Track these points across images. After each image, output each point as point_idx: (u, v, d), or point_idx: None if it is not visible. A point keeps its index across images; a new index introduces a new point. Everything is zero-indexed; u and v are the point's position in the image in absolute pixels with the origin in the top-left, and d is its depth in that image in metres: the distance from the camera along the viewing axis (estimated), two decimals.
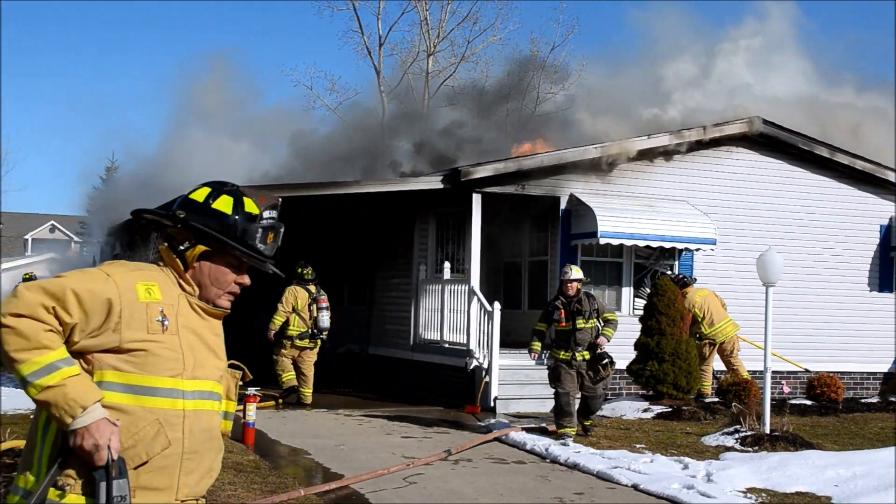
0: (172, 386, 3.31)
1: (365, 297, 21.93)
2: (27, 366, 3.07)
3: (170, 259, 3.45)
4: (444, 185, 17.35)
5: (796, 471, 10.71)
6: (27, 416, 13.89)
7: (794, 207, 19.55)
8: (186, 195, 3.53)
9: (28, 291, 3.12)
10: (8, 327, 3.07)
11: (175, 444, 3.31)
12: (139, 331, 3.24)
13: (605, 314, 13.43)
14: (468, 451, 12.29)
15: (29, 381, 3.07)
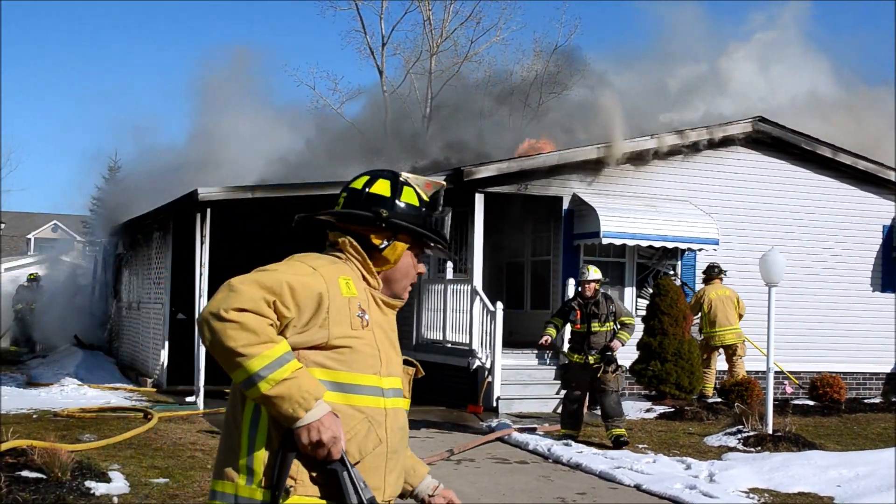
0: (375, 383, 3.25)
1: None
2: (258, 360, 2.95)
3: (357, 254, 3.36)
4: (446, 184, 17.30)
5: (799, 471, 10.70)
6: (29, 416, 13.91)
7: (796, 207, 19.53)
8: (366, 191, 3.41)
9: (246, 286, 3.02)
10: (233, 322, 2.95)
11: (382, 442, 3.25)
12: (344, 326, 3.16)
13: (622, 318, 12.93)
14: (471, 451, 12.28)
15: (261, 376, 2.94)
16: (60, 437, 11.60)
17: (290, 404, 2.96)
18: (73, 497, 8.50)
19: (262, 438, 3.07)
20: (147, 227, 20.54)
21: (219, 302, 2.99)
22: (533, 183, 17.72)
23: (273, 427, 3.05)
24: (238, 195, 16.52)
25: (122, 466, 10.13)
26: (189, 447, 11.71)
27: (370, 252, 3.37)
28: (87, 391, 17.20)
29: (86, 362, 21.53)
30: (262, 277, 3.06)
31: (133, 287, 22.69)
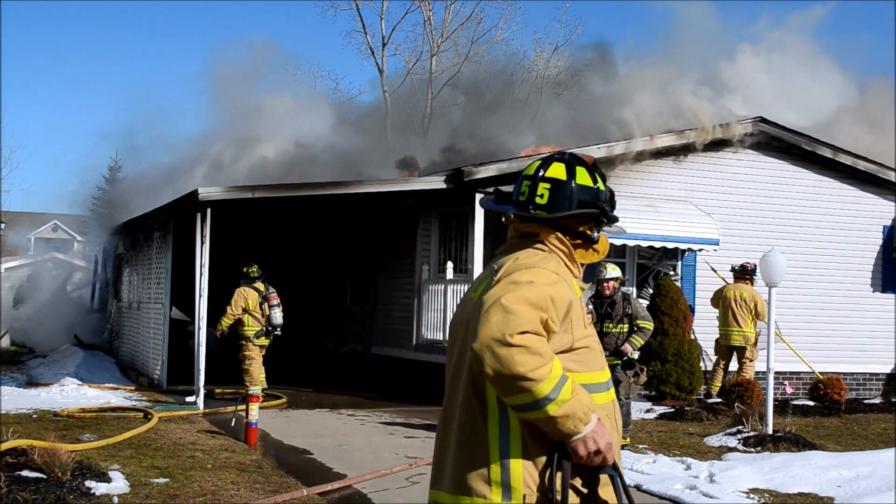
0: (605, 379, 3.23)
1: (367, 296, 21.94)
2: (546, 383, 2.91)
3: (563, 247, 3.28)
4: (446, 185, 17.34)
5: (799, 471, 10.70)
6: (29, 416, 13.91)
7: (796, 208, 19.53)
8: (546, 177, 3.32)
9: (519, 305, 2.96)
10: (519, 346, 2.89)
11: (618, 435, 3.24)
12: (581, 327, 3.15)
13: (638, 321, 12.26)
14: None
15: (550, 399, 2.90)
16: (60, 436, 11.60)
17: (572, 421, 2.94)
18: (73, 497, 8.50)
19: (517, 452, 3.02)
20: (147, 226, 20.55)
21: (500, 326, 2.92)
22: None
23: (531, 441, 3.02)
24: (238, 195, 16.52)
25: (122, 466, 10.13)
26: (189, 447, 11.71)
27: (583, 243, 3.33)
28: (87, 391, 17.20)
29: (86, 362, 21.54)
30: (528, 294, 3.01)
31: (133, 287, 22.70)
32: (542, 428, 2.98)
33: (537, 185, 3.31)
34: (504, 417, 3.03)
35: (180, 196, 16.94)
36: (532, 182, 3.32)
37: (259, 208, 18.87)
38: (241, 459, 11.05)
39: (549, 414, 2.91)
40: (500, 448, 3.03)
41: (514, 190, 3.41)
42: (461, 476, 3.07)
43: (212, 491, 9.29)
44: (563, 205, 3.29)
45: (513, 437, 3.02)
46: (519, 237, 3.34)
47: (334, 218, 21.79)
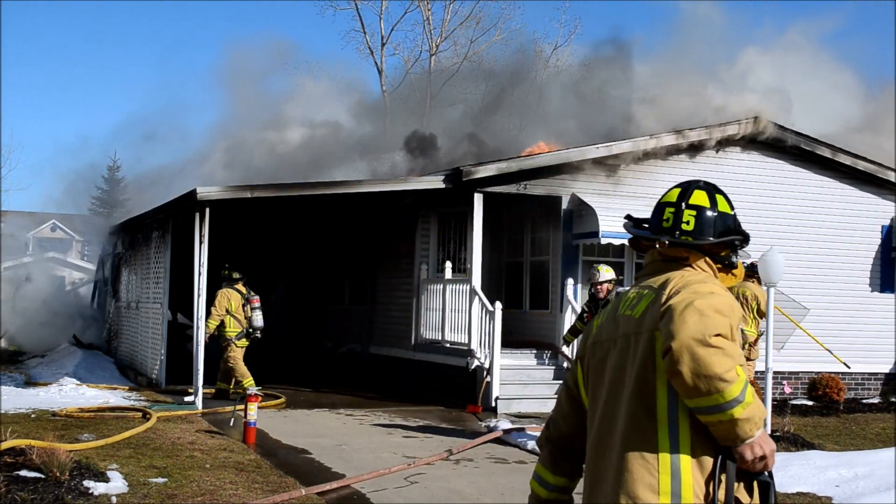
0: None
1: (366, 296, 21.94)
2: (737, 385, 3.01)
3: (710, 270, 3.51)
4: (445, 184, 17.34)
5: (797, 471, 10.69)
6: (28, 416, 13.90)
7: (795, 207, 19.53)
8: (690, 204, 3.55)
9: (712, 311, 3.10)
10: (717, 347, 3.02)
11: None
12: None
13: None
14: (470, 451, 12.28)
15: (738, 401, 3.00)
16: (59, 436, 11.60)
17: (749, 425, 3.03)
18: (71, 497, 8.50)
19: (686, 462, 3.10)
20: (146, 226, 20.54)
21: (698, 328, 3.04)
22: (532, 183, 17.71)
23: (700, 449, 3.11)
24: (237, 195, 16.51)
25: (120, 466, 10.13)
26: (188, 447, 11.71)
27: (723, 268, 3.53)
28: (85, 391, 17.19)
29: (85, 362, 21.52)
30: (714, 302, 3.14)
31: (132, 287, 22.69)
32: (717, 432, 3.07)
33: (682, 212, 3.52)
34: (674, 426, 3.13)
35: (179, 196, 16.93)
36: (676, 209, 3.55)
37: (258, 208, 18.86)
38: (239, 459, 11.05)
39: (735, 416, 3.00)
40: (671, 458, 3.11)
41: (655, 216, 3.61)
42: (627, 488, 3.14)
43: (210, 491, 9.29)
44: (708, 231, 3.50)
45: (682, 446, 3.11)
46: (663, 261, 3.50)
47: (333, 217, 21.79)
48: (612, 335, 3.40)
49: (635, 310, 3.35)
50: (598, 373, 3.42)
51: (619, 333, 3.36)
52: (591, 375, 3.46)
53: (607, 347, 3.41)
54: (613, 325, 3.42)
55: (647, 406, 3.17)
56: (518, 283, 19.79)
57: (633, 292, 3.44)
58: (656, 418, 3.15)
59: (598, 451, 3.33)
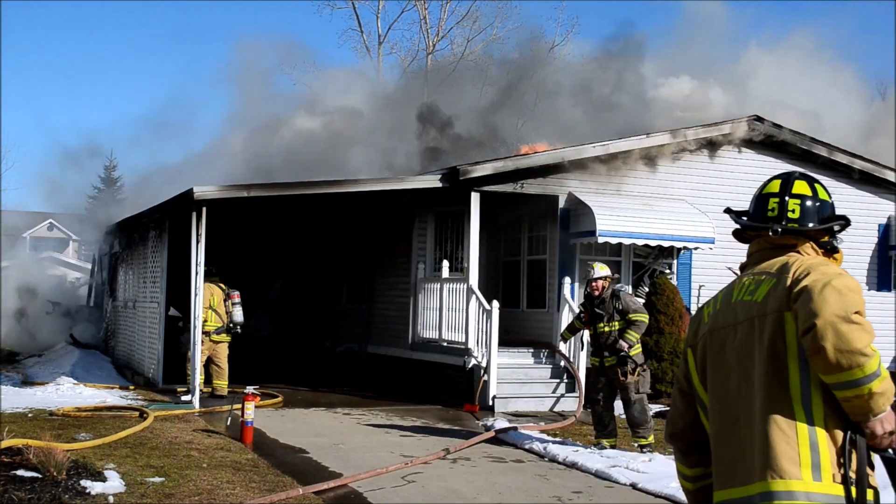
0: None
1: (364, 295, 21.94)
2: (875, 360, 3.18)
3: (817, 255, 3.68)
4: (442, 183, 17.34)
5: None
6: (25, 415, 13.89)
7: None
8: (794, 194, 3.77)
9: (848, 290, 3.30)
10: (857, 324, 3.23)
11: None
12: None
13: (629, 315, 12.07)
14: (467, 450, 12.28)
15: (877, 374, 3.17)
16: (56, 436, 11.59)
17: (884, 399, 3.19)
18: (68, 496, 8.49)
19: (822, 436, 3.25)
20: (143, 225, 20.53)
21: (840, 305, 3.23)
22: (529, 182, 17.72)
23: (833, 424, 3.25)
24: (233, 194, 16.50)
25: (117, 465, 10.12)
26: (185, 446, 11.71)
27: (825, 253, 3.72)
28: (82, 390, 17.18)
29: (82, 361, 21.51)
30: (846, 282, 3.34)
31: (129, 286, 22.67)
32: (851, 407, 3.21)
33: (786, 202, 3.74)
34: (807, 402, 3.28)
35: (175, 195, 16.92)
36: (780, 199, 3.75)
37: (255, 207, 18.85)
38: (236, 458, 11.04)
39: (872, 390, 3.16)
40: (808, 431, 3.25)
41: (759, 206, 3.78)
42: (770, 463, 3.26)
43: (207, 490, 9.28)
44: (812, 217, 3.75)
45: (817, 421, 3.25)
46: (771, 248, 3.69)
47: (330, 217, 21.79)
48: (731, 321, 3.56)
49: (755, 294, 3.50)
50: (719, 358, 3.57)
51: (739, 319, 3.52)
52: (710, 361, 3.61)
53: (726, 333, 3.56)
54: (731, 312, 3.58)
55: (781, 383, 3.31)
56: (515, 282, 19.80)
57: (748, 279, 3.61)
58: (790, 395, 3.29)
59: (730, 432, 3.45)
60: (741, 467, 3.35)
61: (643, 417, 12.06)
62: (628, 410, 12.22)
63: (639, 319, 12.12)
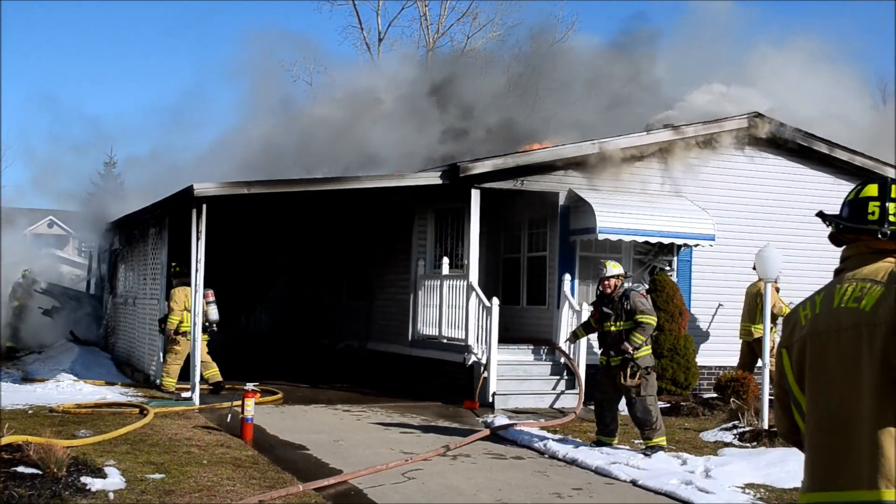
0: None
1: (364, 292, 21.94)
2: None
3: None
4: (442, 180, 17.33)
5: (795, 467, 10.69)
6: (25, 412, 13.90)
7: (793, 203, 19.52)
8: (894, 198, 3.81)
9: None
10: None
11: None
12: None
13: (636, 315, 11.89)
14: (467, 447, 12.29)
15: None
16: (56, 432, 11.59)
17: None
18: (68, 493, 8.49)
19: None
20: (143, 222, 20.52)
21: None
22: (529, 179, 17.71)
23: None
24: (234, 191, 16.49)
25: (117, 462, 10.13)
26: (185, 443, 11.71)
27: None
28: (82, 387, 17.19)
29: (82, 358, 21.51)
30: None
31: (129, 283, 22.67)
32: None
33: (887, 207, 3.80)
34: None
35: (176, 192, 16.92)
36: (881, 203, 3.81)
37: (255, 204, 18.84)
38: (236, 455, 11.05)
39: None
40: None
41: (856, 210, 3.91)
42: (884, 472, 3.27)
43: (207, 487, 9.28)
44: None
45: None
46: (871, 253, 3.81)
47: (330, 214, 21.78)
48: (833, 326, 3.59)
49: (862, 303, 3.54)
50: (820, 363, 3.60)
51: (843, 325, 3.55)
52: (809, 365, 3.63)
53: (827, 338, 3.60)
54: (833, 317, 3.63)
55: (893, 395, 3.32)
56: (515, 279, 19.80)
57: (851, 286, 3.69)
58: None
59: (831, 436, 3.47)
60: (846, 472, 3.36)
61: (646, 418, 11.88)
62: (631, 410, 12.08)
63: (645, 321, 11.91)
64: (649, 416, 11.87)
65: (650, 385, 11.98)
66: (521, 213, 19.35)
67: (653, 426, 11.87)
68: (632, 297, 12.05)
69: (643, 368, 11.93)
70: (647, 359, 12.01)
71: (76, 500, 8.40)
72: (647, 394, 11.94)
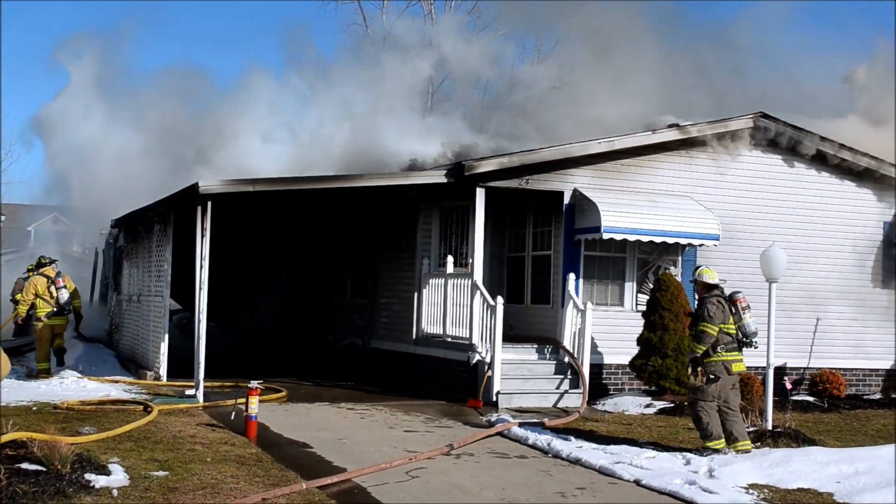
0: None
1: (368, 290, 21.94)
2: None
3: None
4: (447, 178, 17.33)
5: (798, 467, 10.70)
6: (29, 408, 13.92)
7: (797, 203, 19.52)
8: None
9: None
10: None
11: None
12: None
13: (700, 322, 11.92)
14: (470, 446, 12.29)
15: None
16: (60, 429, 11.60)
17: None
18: (72, 489, 8.50)
19: None
20: (148, 219, 20.53)
21: None
22: (534, 177, 17.70)
23: None
24: (239, 188, 16.51)
25: (121, 459, 10.14)
26: (189, 440, 11.72)
27: None
28: (86, 384, 17.21)
29: (86, 355, 21.54)
30: None
31: (133, 280, 22.69)
32: None
33: None
34: None
35: (181, 189, 16.94)
36: None
37: (260, 201, 18.85)
38: (240, 453, 11.06)
39: None
40: None
41: None
42: None
43: (211, 484, 9.29)
44: None
45: None
46: None
47: (335, 211, 21.77)
48: None
49: None
50: None
51: None
52: None
53: None
54: None
55: None
56: (520, 278, 19.79)
57: None
58: None
59: None
60: None
61: (696, 426, 11.97)
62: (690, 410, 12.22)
63: (699, 330, 11.86)
64: (699, 423, 11.87)
65: (702, 391, 11.83)
66: (525, 211, 19.35)
67: (703, 432, 11.82)
68: (705, 302, 11.99)
69: (707, 373, 11.85)
70: (714, 365, 11.89)
71: (80, 497, 8.41)
72: (697, 398, 11.87)
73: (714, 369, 11.89)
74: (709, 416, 11.84)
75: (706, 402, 11.83)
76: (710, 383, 11.84)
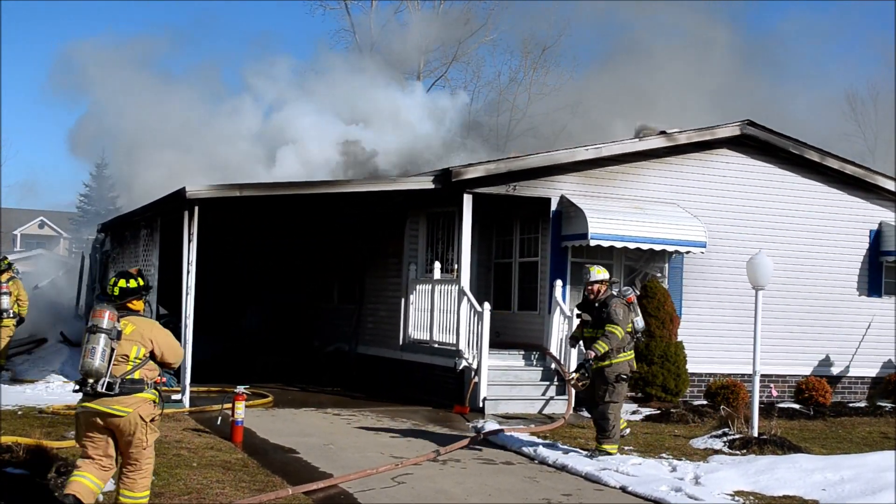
0: None
1: (354, 296, 21.92)
2: None
3: None
4: (434, 185, 17.34)
5: (784, 474, 10.73)
6: (14, 413, 13.87)
7: (784, 211, 19.59)
8: None
9: None
10: None
11: None
12: None
13: (606, 325, 11.80)
14: (457, 452, 12.28)
15: None
16: (46, 434, 11.55)
17: None
18: (58, 494, 8.47)
19: None
20: (135, 224, 20.49)
21: None
22: (521, 184, 17.72)
23: None
24: (226, 193, 16.48)
25: None
26: (174, 445, 11.69)
27: None
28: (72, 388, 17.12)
29: (72, 359, 21.42)
30: None
31: None
32: None
33: None
34: None
35: (167, 194, 16.90)
36: None
37: (247, 207, 18.83)
38: (226, 458, 11.03)
39: None
40: None
41: None
42: None
43: (197, 489, 9.27)
44: None
45: None
46: None
47: (323, 217, 21.77)
48: None
49: None
50: None
51: None
52: None
53: None
54: None
55: None
56: (507, 284, 19.81)
57: None
58: None
59: None
60: None
61: (602, 423, 11.93)
62: (592, 412, 12.21)
63: (612, 331, 11.75)
64: (606, 422, 11.89)
65: (617, 393, 11.93)
66: (513, 218, 19.37)
67: (606, 433, 11.89)
68: (610, 304, 11.96)
69: (618, 375, 11.91)
70: (621, 366, 11.97)
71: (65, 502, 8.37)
72: (611, 401, 11.91)
73: (621, 370, 11.97)
74: (615, 419, 11.97)
75: (618, 404, 11.94)
76: (621, 383, 11.96)
